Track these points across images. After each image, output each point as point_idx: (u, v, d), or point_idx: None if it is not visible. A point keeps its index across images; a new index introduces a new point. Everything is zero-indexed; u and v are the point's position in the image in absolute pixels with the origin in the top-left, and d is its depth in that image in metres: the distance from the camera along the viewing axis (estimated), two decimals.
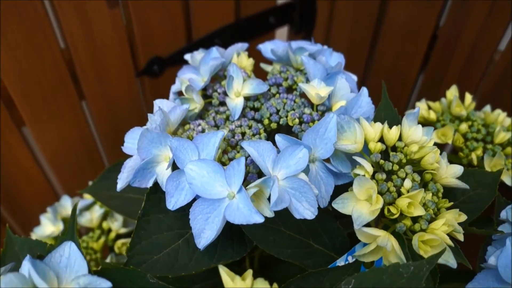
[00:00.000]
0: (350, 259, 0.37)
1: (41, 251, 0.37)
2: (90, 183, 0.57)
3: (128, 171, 0.33)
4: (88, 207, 0.55)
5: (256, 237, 0.34)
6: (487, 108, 0.48)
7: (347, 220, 0.37)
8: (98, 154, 0.64)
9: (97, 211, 0.53)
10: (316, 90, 0.37)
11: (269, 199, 0.30)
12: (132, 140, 0.37)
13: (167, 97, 0.67)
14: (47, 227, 0.51)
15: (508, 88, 0.53)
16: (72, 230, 0.26)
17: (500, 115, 0.45)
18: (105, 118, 0.60)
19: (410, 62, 0.63)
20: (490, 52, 0.53)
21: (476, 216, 0.35)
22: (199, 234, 0.30)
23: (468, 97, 0.46)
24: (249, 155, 0.33)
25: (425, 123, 0.46)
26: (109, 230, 0.53)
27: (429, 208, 0.30)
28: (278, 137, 0.34)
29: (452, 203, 0.32)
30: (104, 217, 0.54)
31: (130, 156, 0.37)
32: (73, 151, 0.61)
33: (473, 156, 0.41)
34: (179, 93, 0.44)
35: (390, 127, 0.34)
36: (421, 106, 0.48)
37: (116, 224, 0.52)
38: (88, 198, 0.56)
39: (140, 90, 0.62)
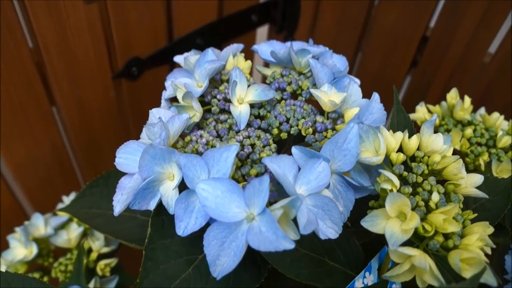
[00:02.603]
0: (368, 276, 0.35)
1: (20, 285, 0.32)
2: (65, 198, 0.52)
3: (127, 193, 0.29)
4: (63, 225, 0.49)
5: (273, 259, 0.31)
6: (482, 110, 0.48)
7: (361, 230, 0.35)
8: (71, 166, 0.58)
9: (75, 229, 0.47)
10: (328, 96, 0.35)
11: (293, 220, 0.27)
12: (125, 155, 0.32)
13: (146, 102, 0.62)
14: (18, 250, 0.45)
15: (499, 91, 0.53)
16: (78, 273, 0.21)
17: (499, 119, 0.44)
18: (78, 126, 0.55)
19: (398, 65, 0.62)
20: (482, 55, 0.53)
21: (493, 224, 0.34)
22: (213, 261, 0.27)
23: (468, 100, 0.45)
24: (265, 171, 0.30)
25: None
26: (89, 250, 0.48)
27: (459, 222, 0.29)
28: (294, 150, 0.31)
29: (476, 214, 0.31)
30: (83, 235, 0.48)
31: (124, 173, 0.32)
32: (43, 163, 0.54)
33: (481, 162, 0.40)
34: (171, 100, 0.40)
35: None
36: (421, 110, 0.47)
37: (97, 243, 0.47)
38: (62, 214, 0.50)
39: (117, 94, 0.56)
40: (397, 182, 0.29)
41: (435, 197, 0.29)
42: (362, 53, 0.67)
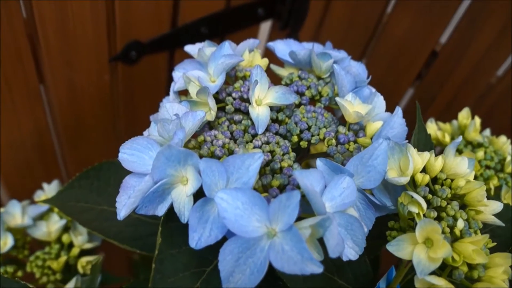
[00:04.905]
0: None
1: None
2: (45, 185, 0.48)
3: (135, 196, 0.26)
4: (43, 216, 0.45)
5: (286, 276, 0.29)
6: (487, 132, 0.47)
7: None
8: (53, 151, 0.54)
9: (56, 221, 0.44)
10: (353, 107, 0.33)
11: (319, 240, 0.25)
12: (130, 151, 0.29)
13: (140, 91, 0.58)
14: None
15: (501, 114, 0.53)
16: None
17: (507, 142, 0.44)
18: (65, 109, 0.50)
19: (402, 77, 0.61)
20: (490, 76, 0.52)
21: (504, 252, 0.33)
22: (227, 278, 0.25)
23: (478, 121, 0.44)
24: (289, 182, 0.28)
25: (437, 145, 0.45)
26: (70, 244, 0.44)
27: (485, 253, 0.28)
28: (319, 162, 0.29)
29: (495, 243, 0.30)
30: (65, 228, 0.44)
31: (122, 168, 0.29)
32: (22, 145, 0.50)
33: (491, 186, 0.40)
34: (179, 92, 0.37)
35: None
36: (432, 127, 0.46)
37: (80, 238, 0.43)
38: (42, 203, 0.46)
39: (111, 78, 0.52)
40: (425, 205, 0.28)
41: (460, 224, 0.28)
42: (366, 60, 0.66)
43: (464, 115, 0.45)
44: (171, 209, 0.27)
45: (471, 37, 0.52)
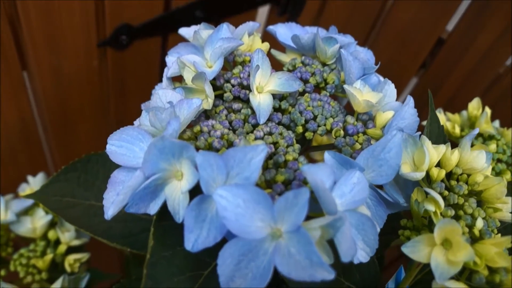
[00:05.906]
0: None
1: None
2: (30, 178, 0.45)
3: (125, 193, 0.24)
4: (27, 211, 0.42)
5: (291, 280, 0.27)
6: (496, 124, 0.45)
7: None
8: (39, 142, 0.51)
9: (42, 217, 0.41)
10: (362, 95, 0.30)
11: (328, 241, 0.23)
12: (119, 143, 0.27)
13: (130, 78, 0.55)
14: None
15: (508, 106, 0.51)
16: None
17: None
18: (52, 97, 0.47)
19: (406, 66, 0.59)
20: (498, 67, 0.50)
21: None
22: (227, 283, 0.23)
23: (489, 112, 0.42)
24: (294, 177, 0.25)
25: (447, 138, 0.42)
26: (57, 241, 0.42)
27: (506, 254, 0.26)
28: (327, 155, 0.27)
29: None
30: (51, 224, 0.42)
31: (118, 165, 0.27)
32: (6, 136, 0.47)
33: (504, 181, 0.37)
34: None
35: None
36: (440, 117, 0.43)
37: (67, 235, 0.41)
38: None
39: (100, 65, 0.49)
40: (442, 203, 0.25)
41: (480, 223, 0.26)
42: (368, 47, 0.63)
43: (474, 105, 0.42)
44: (164, 207, 0.25)
45: (480, 25, 0.50)
